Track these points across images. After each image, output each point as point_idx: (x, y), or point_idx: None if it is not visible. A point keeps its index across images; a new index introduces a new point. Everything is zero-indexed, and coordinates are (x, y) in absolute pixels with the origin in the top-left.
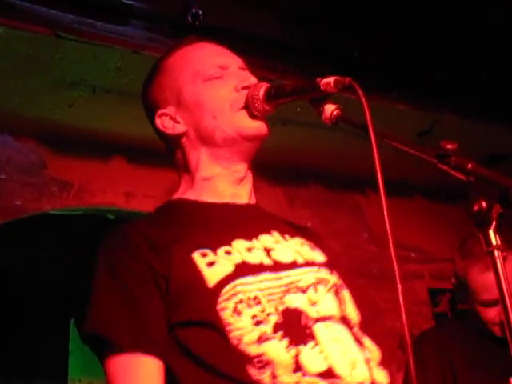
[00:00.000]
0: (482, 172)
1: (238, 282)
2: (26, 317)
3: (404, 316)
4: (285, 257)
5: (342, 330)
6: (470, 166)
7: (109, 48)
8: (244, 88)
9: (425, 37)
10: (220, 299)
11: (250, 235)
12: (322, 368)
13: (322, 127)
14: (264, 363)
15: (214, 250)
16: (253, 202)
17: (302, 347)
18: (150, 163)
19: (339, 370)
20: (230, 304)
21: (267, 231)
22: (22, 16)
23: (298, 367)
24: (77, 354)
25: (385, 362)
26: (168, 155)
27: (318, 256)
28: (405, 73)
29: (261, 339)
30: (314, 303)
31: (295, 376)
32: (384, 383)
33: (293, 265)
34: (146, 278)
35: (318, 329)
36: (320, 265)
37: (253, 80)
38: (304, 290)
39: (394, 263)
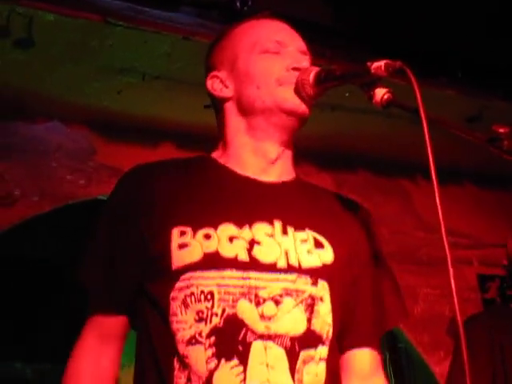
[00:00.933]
0: None
1: (197, 274)
2: (70, 304)
3: (456, 300)
4: (266, 256)
5: (280, 355)
6: None
7: (158, 34)
8: (294, 69)
9: (473, 21)
10: (177, 285)
11: (245, 221)
12: None
13: (370, 112)
14: (185, 364)
15: (196, 229)
16: (284, 179)
17: (222, 363)
18: (199, 149)
19: None
20: (181, 295)
21: (268, 219)
22: (72, 2)
23: (208, 382)
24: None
25: None
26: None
27: (315, 259)
28: (452, 58)
29: (191, 340)
30: (268, 318)
31: None
32: None
33: (269, 267)
34: (128, 238)
35: (255, 348)
36: (306, 271)
37: (306, 63)
38: (261, 302)
39: (447, 249)
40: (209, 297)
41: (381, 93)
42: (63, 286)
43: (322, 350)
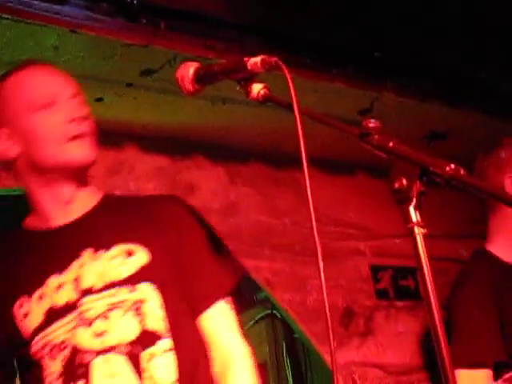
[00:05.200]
0: (403, 150)
1: (47, 331)
2: None
3: (324, 291)
4: (88, 282)
5: (121, 362)
6: (391, 144)
7: (45, 27)
8: (73, 120)
9: (364, 13)
10: (33, 349)
11: (63, 265)
12: None
13: (262, 106)
14: None
15: (31, 295)
16: (87, 209)
17: None
18: None
19: None
20: (46, 351)
21: (78, 253)
22: None
23: None
24: None
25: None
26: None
27: (129, 267)
28: (344, 51)
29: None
30: (100, 334)
31: None
32: None
33: (90, 291)
34: None
35: (95, 365)
36: (121, 283)
37: (84, 111)
38: (90, 323)
39: (316, 239)
40: (64, 345)
41: (257, 88)
42: None
43: (164, 343)
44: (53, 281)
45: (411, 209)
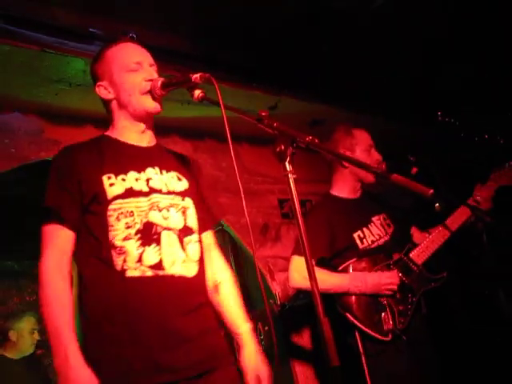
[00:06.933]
0: (282, 128)
1: (123, 201)
2: None
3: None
4: (157, 185)
5: (175, 238)
6: (275, 124)
7: (77, 58)
8: (148, 80)
9: (277, 34)
10: (110, 207)
11: (141, 168)
12: (154, 261)
13: (209, 105)
14: (122, 252)
15: (116, 175)
16: (152, 144)
17: (147, 248)
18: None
19: (164, 264)
20: (115, 213)
21: (152, 165)
22: (20, 38)
23: (139, 260)
24: None
25: (199, 261)
26: None
27: (180, 186)
28: (260, 70)
29: (125, 238)
30: (166, 218)
31: (137, 264)
32: (187, 275)
33: (159, 191)
34: (70, 186)
35: (163, 235)
36: (177, 193)
37: (155, 75)
38: (161, 209)
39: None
40: (131, 214)
41: (197, 92)
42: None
43: (195, 236)
44: (133, 174)
45: (286, 163)
